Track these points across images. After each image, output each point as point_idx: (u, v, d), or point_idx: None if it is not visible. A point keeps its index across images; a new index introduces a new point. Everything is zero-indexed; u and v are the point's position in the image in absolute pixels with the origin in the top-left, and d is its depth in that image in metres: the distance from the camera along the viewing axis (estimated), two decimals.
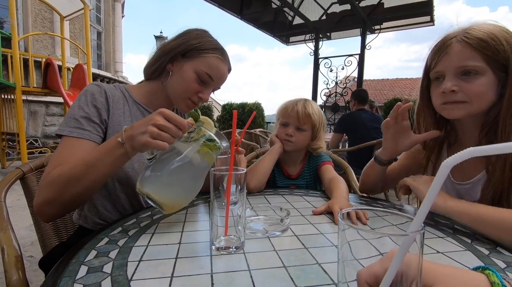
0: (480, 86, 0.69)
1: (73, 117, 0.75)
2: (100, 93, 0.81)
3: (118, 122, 0.82)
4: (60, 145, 0.74)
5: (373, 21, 5.13)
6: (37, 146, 5.50)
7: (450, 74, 0.72)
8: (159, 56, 0.88)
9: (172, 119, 0.59)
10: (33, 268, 1.72)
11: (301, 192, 0.98)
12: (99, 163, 0.64)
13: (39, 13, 6.46)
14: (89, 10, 4.86)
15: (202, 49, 0.86)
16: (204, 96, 0.89)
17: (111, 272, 0.44)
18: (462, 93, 0.71)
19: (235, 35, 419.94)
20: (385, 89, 17.20)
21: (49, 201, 0.67)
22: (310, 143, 1.12)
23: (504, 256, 0.52)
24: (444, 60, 0.73)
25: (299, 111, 1.06)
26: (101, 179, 0.67)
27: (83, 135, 0.74)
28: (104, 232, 0.60)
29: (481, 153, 0.19)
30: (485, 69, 0.68)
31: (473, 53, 0.68)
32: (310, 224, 0.68)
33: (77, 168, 0.65)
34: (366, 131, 2.88)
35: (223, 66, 0.89)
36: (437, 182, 0.21)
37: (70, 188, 0.65)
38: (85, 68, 4.60)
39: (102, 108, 0.79)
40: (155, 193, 0.59)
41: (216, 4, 4.21)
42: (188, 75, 0.85)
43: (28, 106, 5.47)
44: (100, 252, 0.51)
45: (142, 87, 0.94)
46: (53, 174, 0.66)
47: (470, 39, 0.69)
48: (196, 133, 0.64)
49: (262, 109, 10.65)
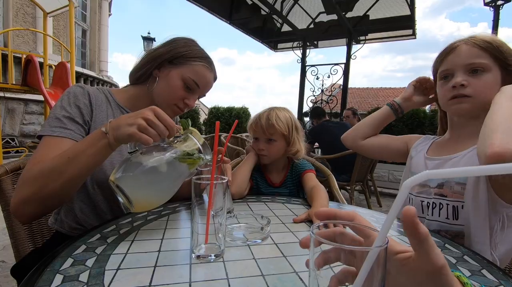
0: (487, 82, 0.76)
1: (55, 116, 0.75)
2: (83, 95, 0.80)
3: (101, 125, 0.81)
4: (41, 144, 0.72)
5: (358, 32, 5.29)
6: (13, 145, 5.28)
7: (459, 71, 0.78)
8: (146, 62, 0.89)
9: (162, 118, 0.60)
10: (5, 274, 1.64)
11: (283, 199, 0.99)
12: (81, 155, 0.62)
13: (20, 7, 6.26)
14: (74, 7, 4.75)
15: (190, 57, 0.87)
16: (190, 103, 0.90)
17: (87, 281, 0.44)
18: (470, 87, 0.77)
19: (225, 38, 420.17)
20: (369, 98, 17.66)
21: (29, 198, 0.64)
22: (287, 149, 1.12)
23: (470, 265, 0.55)
24: (452, 59, 0.80)
25: (263, 125, 1.07)
26: (83, 172, 0.65)
27: (65, 134, 0.73)
28: (82, 239, 0.59)
29: (437, 176, 0.21)
30: (491, 66, 0.76)
31: (480, 52, 0.76)
32: (290, 232, 0.69)
33: (59, 160, 0.63)
34: (336, 139, 3.09)
35: (209, 74, 0.91)
36: (398, 201, 0.23)
37: (50, 182, 0.63)
38: (68, 66, 4.47)
39: (85, 109, 0.79)
40: (126, 187, 0.58)
41: (206, 8, 4.21)
42: (175, 81, 0.86)
43: (5, 103, 5.25)
44: (76, 260, 0.50)
45: (127, 91, 0.94)
46: (33, 170, 0.65)
47: (476, 41, 0.77)
48: (183, 139, 0.65)
49: (249, 113, 10.66)
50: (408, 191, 0.23)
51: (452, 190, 0.78)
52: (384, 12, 5.02)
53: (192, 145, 0.64)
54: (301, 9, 5.10)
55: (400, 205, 0.23)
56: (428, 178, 0.21)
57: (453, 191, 0.77)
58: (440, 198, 0.80)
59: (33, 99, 5.54)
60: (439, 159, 0.85)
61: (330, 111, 5.38)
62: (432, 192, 0.83)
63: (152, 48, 0.92)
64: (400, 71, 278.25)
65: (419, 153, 0.93)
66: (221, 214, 0.56)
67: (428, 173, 0.21)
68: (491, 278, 0.50)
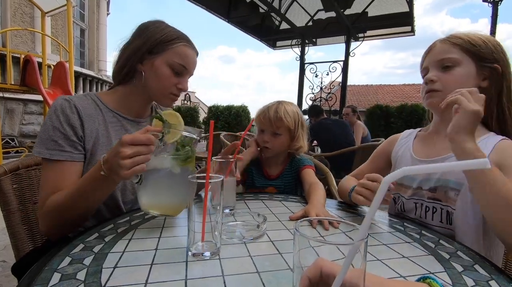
0: (456, 76, 0.78)
1: (51, 138, 0.75)
2: (71, 110, 0.78)
3: (96, 133, 0.82)
4: (45, 169, 0.76)
5: (357, 29, 5.28)
6: (13, 146, 5.29)
7: (432, 67, 0.82)
8: (126, 59, 0.86)
9: (136, 141, 0.60)
10: (6, 273, 1.66)
11: (281, 197, 1.00)
12: (90, 194, 0.68)
13: (18, 7, 6.24)
14: (72, 6, 4.74)
15: (167, 41, 0.85)
16: (184, 86, 0.89)
17: (85, 279, 0.44)
18: (439, 82, 0.80)
19: (225, 36, 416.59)
20: (369, 95, 17.65)
21: (53, 227, 0.73)
22: (291, 144, 1.13)
23: (463, 260, 0.56)
24: (428, 57, 0.85)
25: (271, 117, 1.08)
26: (96, 204, 0.73)
27: (65, 157, 0.75)
28: (80, 238, 0.59)
29: (412, 172, 0.22)
30: (460, 60, 0.78)
31: (450, 48, 0.79)
32: (286, 229, 0.70)
33: (70, 198, 0.69)
34: (334, 136, 3.23)
35: (191, 52, 0.89)
36: (378, 196, 0.23)
37: (67, 215, 0.71)
38: (67, 66, 4.48)
39: (77, 125, 0.78)
40: (157, 209, 0.68)
41: (204, 6, 4.21)
42: (163, 70, 0.85)
43: (4, 104, 5.26)
44: (74, 259, 0.51)
45: (114, 92, 0.92)
46: (48, 205, 0.71)
47: (449, 38, 0.81)
48: (168, 137, 0.67)
49: (249, 111, 10.68)
50: (387, 186, 0.23)
51: (446, 195, 0.78)
52: (382, 9, 5.02)
53: (177, 135, 0.68)
54: (300, 7, 5.10)
55: (380, 199, 0.24)
56: (405, 174, 0.22)
57: (447, 197, 0.77)
58: (434, 202, 0.80)
59: (32, 99, 5.55)
60: (432, 161, 0.84)
61: (329, 108, 5.38)
62: (425, 195, 0.83)
63: (126, 43, 0.89)
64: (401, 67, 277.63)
65: (405, 152, 0.93)
66: (218, 212, 0.57)
67: (405, 169, 0.22)
68: (483, 273, 0.51)
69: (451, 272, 0.51)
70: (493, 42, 0.79)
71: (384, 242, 0.63)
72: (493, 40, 0.79)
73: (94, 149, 0.81)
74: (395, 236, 0.67)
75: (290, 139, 1.12)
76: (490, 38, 0.79)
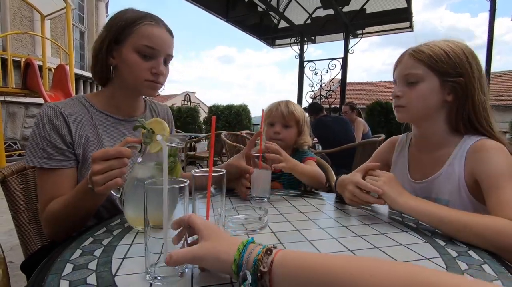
0: (419, 92, 0.80)
1: (39, 147, 0.75)
2: (56, 117, 0.77)
3: (85, 137, 0.81)
4: (39, 176, 0.78)
5: (355, 26, 5.29)
6: (15, 149, 5.32)
7: (399, 81, 0.85)
8: (96, 54, 0.84)
9: (107, 156, 0.59)
10: (13, 274, 1.68)
11: (282, 192, 1.02)
12: (82, 206, 0.70)
13: (18, 11, 6.26)
14: (71, 9, 4.77)
15: (129, 25, 0.80)
16: (159, 69, 0.82)
17: (96, 269, 0.47)
18: (404, 98, 0.83)
19: (224, 36, 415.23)
20: (369, 92, 17.64)
21: (55, 232, 0.76)
22: (297, 139, 1.20)
23: (457, 247, 0.58)
24: (397, 70, 0.86)
25: (283, 111, 1.17)
26: (90, 212, 0.73)
27: (55, 165, 0.76)
28: (89, 233, 0.62)
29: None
30: (424, 76, 0.80)
31: (414, 63, 0.81)
32: (287, 221, 0.72)
33: (65, 209, 0.70)
34: (334, 133, 3.27)
35: (157, 30, 0.82)
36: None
37: (64, 223, 0.72)
38: (67, 68, 4.51)
39: (64, 132, 0.78)
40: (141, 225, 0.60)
41: (202, 6, 4.22)
42: (130, 57, 0.80)
43: (6, 107, 5.29)
44: (85, 251, 0.53)
45: (102, 92, 0.90)
46: (47, 212, 0.73)
47: (415, 52, 0.82)
48: (151, 147, 0.62)
49: (249, 110, 10.68)
50: None
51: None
52: (380, 5, 5.02)
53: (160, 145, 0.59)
54: (298, 5, 5.10)
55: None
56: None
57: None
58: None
59: (33, 102, 5.58)
60: (425, 182, 0.86)
61: (329, 106, 5.39)
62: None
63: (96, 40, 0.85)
64: None
65: (402, 170, 0.94)
66: (219, 206, 0.60)
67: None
68: (477, 257, 0.53)
69: (445, 257, 0.53)
70: (459, 53, 0.78)
71: (383, 232, 0.66)
72: (460, 50, 0.79)
73: (85, 152, 0.80)
74: (393, 226, 0.70)
75: (298, 133, 1.20)
76: (456, 50, 0.79)
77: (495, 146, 0.74)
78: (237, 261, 0.40)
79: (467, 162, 0.76)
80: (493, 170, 0.69)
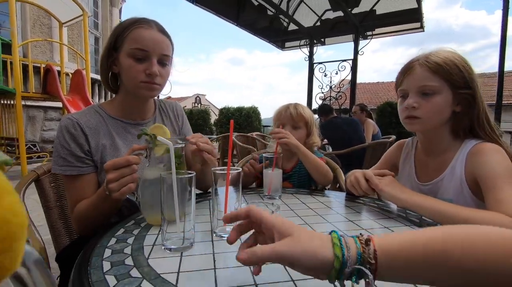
0: (436, 104, 0.82)
1: (60, 155, 0.83)
2: (74, 127, 0.84)
3: (102, 144, 0.87)
4: (65, 183, 0.87)
5: (365, 27, 5.28)
6: (35, 151, 5.54)
7: (413, 92, 0.85)
8: (102, 64, 0.91)
9: (117, 165, 0.65)
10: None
11: (292, 190, 1.08)
12: (102, 208, 0.77)
13: (37, 19, 6.54)
14: (88, 16, 4.95)
15: (123, 31, 0.85)
16: (152, 70, 0.84)
17: (131, 253, 0.54)
18: (420, 110, 0.83)
19: (234, 38, 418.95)
20: (380, 92, 17.44)
21: (85, 228, 0.84)
22: (306, 140, 1.25)
23: None
24: (408, 80, 0.86)
25: (292, 112, 1.22)
26: (111, 211, 0.80)
27: (76, 172, 0.83)
28: (120, 225, 0.69)
29: None
30: (441, 88, 0.81)
31: (430, 75, 0.81)
32: (297, 216, 0.78)
33: (89, 210, 0.78)
34: (344, 134, 3.29)
35: (148, 32, 0.84)
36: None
37: (90, 221, 0.80)
38: (84, 73, 4.68)
39: (82, 141, 0.84)
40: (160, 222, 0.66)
41: (214, 12, 4.32)
42: (125, 62, 0.84)
43: (26, 111, 5.52)
44: (119, 239, 0.61)
45: (115, 100, 0.96)
46: (75, 214, 0.82)
47: (429, 63, 0.81)
48: (156, 150, 0.68)
49: (259, 112, 10.76)
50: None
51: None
52: (390, 6, 5.00)
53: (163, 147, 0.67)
54: (307, 7, 5.15)
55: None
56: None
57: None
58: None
59: (51, 106, 5.81)
60: (430, 184, 0.90)
61: (340, 107, 5.40)
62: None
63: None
64: None
65: (410, 173, 0.97)
66: (235, 201, 0.66)
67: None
68: None
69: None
70: (465, 65, 0.81)
71: (387, 226, 0.70)
72: (464, 61, 0.82)
73: (103, 158, 0.87)
74: (398, 221, 0.74)
75: (307, 134, 1.25)
76: (462, 62, 0.81)
77: (492, 148, 0.78)
78: (339, 257, 0.35)
79: (467, 165, 0.81)
80: (490, 172, 0.74)
